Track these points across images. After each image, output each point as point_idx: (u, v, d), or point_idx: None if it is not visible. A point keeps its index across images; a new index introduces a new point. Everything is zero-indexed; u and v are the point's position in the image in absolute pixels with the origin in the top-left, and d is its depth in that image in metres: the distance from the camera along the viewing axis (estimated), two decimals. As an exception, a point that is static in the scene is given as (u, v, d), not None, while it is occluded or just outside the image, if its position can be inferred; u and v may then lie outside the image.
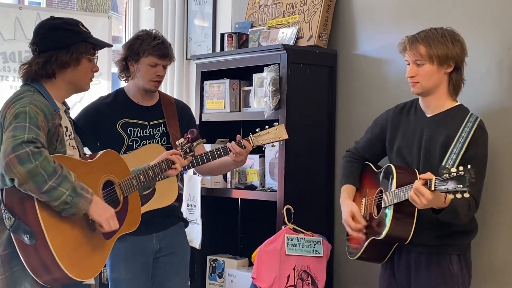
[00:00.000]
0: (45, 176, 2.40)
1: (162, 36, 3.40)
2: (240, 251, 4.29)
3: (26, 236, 2.43)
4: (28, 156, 2.38)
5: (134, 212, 2.84)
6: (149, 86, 3.36)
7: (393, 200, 2.77)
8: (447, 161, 2.73)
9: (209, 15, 4.82)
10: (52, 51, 2.66)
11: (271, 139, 3.24)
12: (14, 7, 4.64)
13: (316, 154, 3.84)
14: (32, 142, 2.42)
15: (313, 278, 3.55)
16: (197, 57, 4.34)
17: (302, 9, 3.95)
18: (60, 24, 2.73)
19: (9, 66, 4.60)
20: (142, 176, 2.86)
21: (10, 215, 2.47)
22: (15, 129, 2.45)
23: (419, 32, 2.85)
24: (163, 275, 3.39)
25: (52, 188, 2.41)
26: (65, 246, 2.49)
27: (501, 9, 3.19)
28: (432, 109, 2.89)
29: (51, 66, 2.66)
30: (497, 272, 3.17)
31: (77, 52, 2.68)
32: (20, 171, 2.37)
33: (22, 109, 2.51)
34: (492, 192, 3.08)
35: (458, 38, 2.83)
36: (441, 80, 2.83)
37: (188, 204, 4.16)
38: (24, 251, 2.47)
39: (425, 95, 2.88)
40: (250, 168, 4.02)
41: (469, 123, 2.78)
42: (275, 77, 3.68)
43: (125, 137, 3.34)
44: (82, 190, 2.50)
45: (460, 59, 2.83)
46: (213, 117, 4.15)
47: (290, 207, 3.60)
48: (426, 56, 2.79)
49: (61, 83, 2.71)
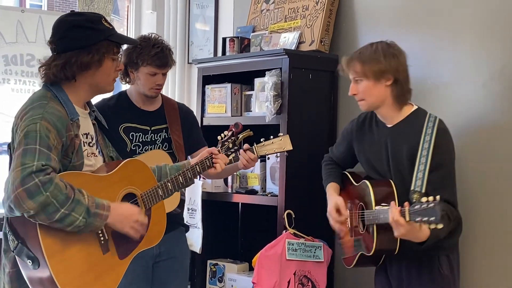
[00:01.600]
0: (56, 205, 2.25)
1: (162, 42, 3.35)
2: (241, 255, 4.28)
3: (29, 261, 2.31)
4: (37, 188, 2.22)
5: (158, 224, 2.65)
6: (149, 93, 3.35)
7: (374, 220, 2.80)
8: (417, 175, 2.76)
9: (211, 19, 4.83)
10: (71, 52, 2.43)
11: (275, 149, 3.19)
12: (16, 10, 4.65)
13: (317, 159, 3.82)
14: (42, 170, 2.25)
15: (313, 283, 3.54)
16: (199, 61, 4.34)
17: (304, 14, 3.95)
18: (80, 22, 2.47)
19: (10, 69, 4.60)
20: (170, 184, 2.65)
21: (14, 238, 2.35)
22: (24, 154, 2.27)
23: (356, 50, 2.93)
24: (163, 279, 3.39)
25: (64, 216, 2.27)
26: (70, 272, 2.34)
27: (503, 13, 3.20)
28: (390, 119, 2.94)
29: (70, 69, 2.44)
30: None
31: (99, 52, 2.45)
32: (30, 206, 2.22)
33: (33, 126, 2.32)
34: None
35: (392, 51, 2.87)
36: (384, 93, 2.87)
37: (188, 208, 4.16)
38: (28, 274, 2.36)
39: (375, 109, 2.94)
40: (251, 173, 4.02)
41: (428, 129, 2.82)
42: (276, 82, 3.67)
43: (127, 141, 3.34)
44: (97, 209, 2.35)
45: (397, 71, 2.85)
46: (214, 121, 4.14)
47: (291, 212, 3.60)
48: (361, 72, 2.86)
49: (82, 85, 2.50)
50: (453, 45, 3.32)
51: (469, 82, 3.28)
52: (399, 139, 2.88)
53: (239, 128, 2.89)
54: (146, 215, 2.57)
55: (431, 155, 2.76)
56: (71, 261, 2.35)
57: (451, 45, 3.31)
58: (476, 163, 3.18)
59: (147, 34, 3.41)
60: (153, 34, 3.40)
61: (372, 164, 3.00)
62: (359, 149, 3.08)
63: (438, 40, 3.12)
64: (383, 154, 2.94)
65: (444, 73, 3.13)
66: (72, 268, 2.35)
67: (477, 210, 3.19)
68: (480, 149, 3.15)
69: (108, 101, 3.44)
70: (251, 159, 3.06)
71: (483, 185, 3.19)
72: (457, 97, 3.30)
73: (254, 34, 4.16)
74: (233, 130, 2.88)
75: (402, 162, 2.86)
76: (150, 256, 3.34)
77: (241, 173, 4.04)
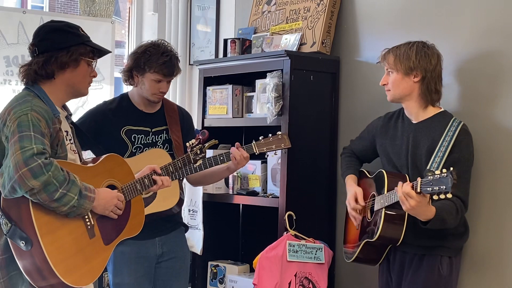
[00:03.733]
0: (56, 185, 2.44)
1: (171, 50, 3.35)
2: (242, 257, 4.28)
3: (22, 242, 2.45)
4: (40, 168, 2.41)
5: (137, 216, 2.84)
6: (152, 98, 3.36)
7: (384, 203, 2.93)
8: (431, 164, 2.90)
9: (212, 20, 4.83)
10: (52, 51, 2.67)
11: (274, 147, 3.26)
12: (18, 11, 4.64)
13: (319, 160, 3.84)
14: (42, 153, 2.44)
15: (314, 284, 3.54)
16: (200, 63, 4.34)
17: (305, 16, 3.95)
18: (60, 26, 2.74)
19: (12, 70, 4.60)
20: (147, 180, 2.86)
21: (7, 221, 2.48)
22: (21, 139, 2.45)
23: (395, 46, 3.09)
24: (165, 280, 3.40)
25: (62, 195, 2.45)
26: (61, 253, 2.49)
27: (502, 15, 3.20)
28: (415, 116, 3.08)
29: (50, 66, 2.66)
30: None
31: (76, 53, 2.69)
32: (35, 184, 2.40)
33: (24, 117, 2.51)
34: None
35: (426, 51, 3.02)
36: (410, 88, 3.03)
37: (189, 209, 4.16)
38: (20, 256, 2.48)
39: (398, 101, 3.11)
40: (252, 174, 4.02)
41: (452, 127, 2.95)
42: (278, 83, 3.68)
43: (129, 144, 3.34)
44: (86, 191, 2.55)
45: (426, 70, 3.00)
46: (215, 122, 4.14)
47: (292, 214, 3.60)
48: (393, 65, 3.04)
49: (60, 85, 2.71)
50: (453, 47, 3.32)
51: (470, 83, 3.28)
52: (421, 135, 3.01)
53: (206, 136, 3.10)
54: (125, 206, 2.78)
55: (450, 150, 2.89)
56: (62, 242, 2.51)
57: (452, 47, 3.31)
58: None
59: (157, 41, 3.40)
60: (162, 41, 3.40)
61: (391, 158, 3.11)
62: (381, 143, 3.20)
63: (439, 42, 3.13)
64: (403, 149, 3.06)
65: (445, 75, 3.14)
66: (63, 249, 2.51)
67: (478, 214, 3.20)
68: (480, 150, 3.15)
69: (110, 104, 3.45)
70: (243, 157, 3.22)
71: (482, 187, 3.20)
72: (457, 97, 3.30)
73: (256, 35, 4.17)
74: (200, 138, 3.09)
75: (421, 157, 2.98)
76: (153, 256, 3.35)
77: (242, 175, 4.04)
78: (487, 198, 3.19)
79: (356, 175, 3.31)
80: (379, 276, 3.24)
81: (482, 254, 3.20)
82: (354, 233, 3.24)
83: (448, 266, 2.98)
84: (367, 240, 3.03)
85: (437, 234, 2.94)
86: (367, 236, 3.05)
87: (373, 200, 3.07)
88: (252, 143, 3.28)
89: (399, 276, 3.07)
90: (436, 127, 2.99)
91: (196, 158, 3.07)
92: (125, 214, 2.77)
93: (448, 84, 3.21)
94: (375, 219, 3.02)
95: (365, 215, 3.13)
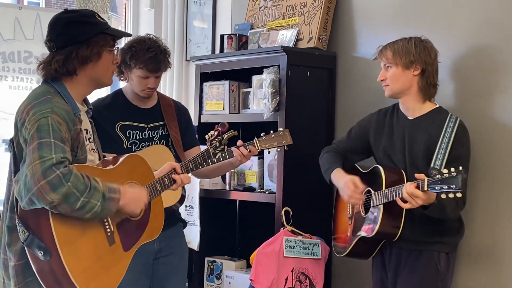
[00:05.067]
0: (77, 194, 2.31)
1: (158, 45, 3.30)
2: (238, 252, 4.28)
3: (40, 252, 2.33)
4: (60, 180, 2.28)
5: (157, 218, 2.72)
6: (142, 94, 3.35)
7: (383, 200, 2.91)
8: (435, 162, 2.88)
9: (209, 16, 4.83)
10: (71, 46, 2.49)
11: (275, 143, 3.22)
12: (14, 7, 4.63)
13: (315, 156, 3.83)
14: (61, 162, 2.31)
15: (311, 280, 3.54)
16: (197, 59, 4.33)
17: (302, 11, 3.95)
18: (75, 17, 2.54)
19: (8, 66, 4.59)
20: (167, 179, 2.76)
21: (25, 229, 2.37)
22: (40, 147, 2.31)
23: (391, 41, 3.08)
24: (162, 275, 3.40)
25: (85, 203, 2.33)
26: (81, 263, 2.38)
27: (498, 9, 3.20)
28: (412, 111, 3.07)
29: (71, 63, 2.49)
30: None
31: (97, 45, 2.52)
32: (54, 198, 2.27)
33: (44, 120, 2.36)
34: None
35: (424, 45, 3.03)
36: (410, 82, 3.02)
37: (186, 205, 4.16)
38: (38, 265, 2.38)
39: (396, 96, 3.09)
40: (248, 170, 4.02)
41: (451, 123, 2.95)
42: (274, 79, 3.67)
43: (124, 139, 3.33)
44: (111, 193, 2.41)
45: (426, 63, 3.00)
46: (212, 118, 4.14)
47: (288, 209, 3.60)
48: (392, 59, 3.03)
49: (83, 79, 2.55)
50: (451, 43, 3.32)
51: (465, 78, 3.28)
52: (418, 131, 3.01)
53: (225, 128, 3.01)
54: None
55: (450, 147, 2.89)
56: (81, 252, 2.40)
57: (447, 43, 3.31)
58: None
59: (144, 36, 3.37)
60: (150, 36, 3.37)
61: (388, 153, 3.10)
62: (376, 138, 3.18)
63: (436, 37, 3.13)
64: (399, 144, 3.05)
65: (441, 70, 3.14)
66: (82, 259, 2.39)
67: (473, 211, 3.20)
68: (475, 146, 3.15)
69: (103, 100, 3.44)
70: (248, 152, 3.14)
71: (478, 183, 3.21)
72: (452, 93, 3.31)
73: (252, 31, 4.16)
74: (219, 129, 3.00)
75: (418, 153, 2.97)
76: (151, 252, 3.34)
77: (239, 170, 4.03)
78: (483, 194, 3.19)
79: (344, 169, 3.19)
80: (373, 272, 3.22)
81: (477, 250, 3.21)
82: (344, 228, 3.22)
83: (446, 262, 2.98)
84: (363, 236, 3.03)
85: (434, 230, 2.95)
86: (362, 232, 3.04)
87: (368, 196, 3.05)
88: (254, 140, 3.25)
89: (395, 272, 3.06)
90: (432, 123, 2.99)
91: (215, 152, 2.99)
92: (145, 217, 2.65)
93: (443, 80, 3.21)
94: (372, 215, 3.01)
95: (359, 211, 3.12)
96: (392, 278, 3.08)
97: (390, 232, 2.95)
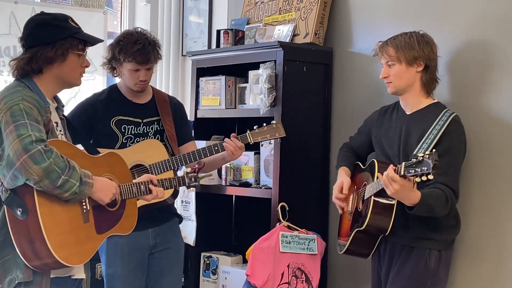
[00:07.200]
0: (58, 171, 2.44)
1: (146, 37, 3.31)
2: (234, 248, 4.28)
3: (19, 210, 2.47)
4: (41, 155, 2.42)
5: (130, 217, 2.83)
6: (134, 88, 3.36)
7: (373, 190, 2.93)
8: (418, 150, 2.89)
9: (205, 11, 4.82)
10: (38, 47, 2.65)
11: (268, 136, 3.25)
12: (9, 2, 4.60)
13: (311, 151, 3.84)
14: (42, 140, 2.45)
15: (307, 275, 3.55)
16: (193, 54, 4.33)
17: (298, 7, 3.94)
18: (48, 20, 2.71)
19: (3, 60, 4.58)
20: (143, 186, 2.84)
21: (6, 188, 2.51)
22: (17, 128, 2.45)
23: (390, 37, 3.06)
24: (158, 270, 3.40)
25: (65, 181, 2.46)
26: (56, 227, 2.50)
27: (495, 3, 3.20)
28: (411, 107, 3.08)
29: (36, 62, 2.65)
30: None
31: (63, 47, 2.66)
32: (37, 171, 2.41)
33: (16, 106, 2.50)
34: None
35: (426, 39, 3.03)
36: (413, 78, 3.02)
37: (182, 200, 4.16)
38: (14, 224, 2.49)
39: (400, 93, 3.08)
40: (245, 165, 4.02)
41: (444, 117, 2.96)
42: (271, 74, 3.67)
43: (119, 134, 3.33)
44: (86, 177, 2.55)
45: (429, 59, 3.01)
46: (208, 113, 4.14)
47: (284, 205, 3.60)
48: (395, 57, 3.01)
49: (49, 78, 2.69)
50: (447, 37, 3.32)
51: (462, 73, 3.29)
52: (413, 126, 3.02)
53: (202, 166, 3.15)
54: (120, 204, 2.77)
55: (438, 138, 2.88)
56: (58, 218, 2.52)
57: (444, 38, 3.31)
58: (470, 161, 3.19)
59: (132, 29, 3.39)
60: (138, 29, 3.38)
61: (384, 148, 3.13)
62: (375, 135, 3.21)
63: (431, 32, 3.12)
64: (396, 140, 3.07)
65: (440, 66, 3.14)
66: (58, 224, 2.52)
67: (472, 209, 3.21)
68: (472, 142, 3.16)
69: (99, 96, 3.44)
70: (238, 147, 3.23)
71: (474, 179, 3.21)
72: (449, 88, 3.31)
73: (249, 26, 4.16)
74: (196, 167, 3.12)
75: (412, 147, 2.97)
76: (146, 247, 3.35)
77: (235, 166, 4.03)
78: (480, 190, 3.19)
79: (350, 168, 3.30)
80: (372, 267, 3.24)
81: (475, 247, 3.20)
82: (347, 225, 3.24)
83: (437, 260, 2.97)
84: (357, 229, 3.03)
85: (427, 226, 2.94)
86: (358, 225, 3.05)
87: (364, 189, 3.08)
88: (246, 132, 3.28)
89: (388, 266, 3.07)
90: (428, 118, 2.99)
91: (190, 183, 3.08)
92: (119, 211, 2.77)
93: (440, 75, 3.21)
94: (364, 207, 3.02)
95: (357, 205, 3.14)
96: (386, 273, 3.09)
97: (381, 225, 2.94)
